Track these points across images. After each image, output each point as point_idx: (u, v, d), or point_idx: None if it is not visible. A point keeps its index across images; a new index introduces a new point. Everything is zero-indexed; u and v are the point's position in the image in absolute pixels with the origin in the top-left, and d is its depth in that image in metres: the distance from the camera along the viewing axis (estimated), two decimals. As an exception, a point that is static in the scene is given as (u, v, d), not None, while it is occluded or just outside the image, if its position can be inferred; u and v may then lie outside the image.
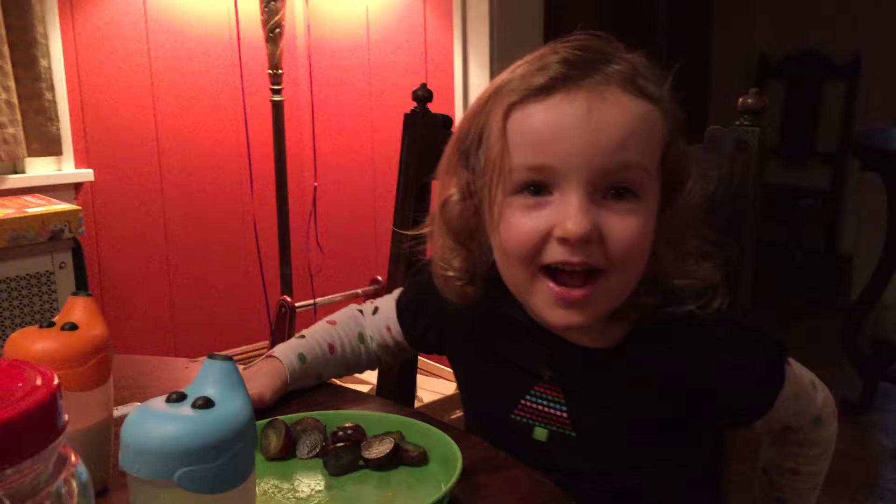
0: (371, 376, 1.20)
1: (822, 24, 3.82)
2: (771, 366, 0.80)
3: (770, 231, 3.29)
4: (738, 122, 0.90)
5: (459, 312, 0.85)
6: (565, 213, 0.69)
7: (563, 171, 0.70)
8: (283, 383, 0.89)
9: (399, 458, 0.74)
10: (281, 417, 0.78)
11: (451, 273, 0.81)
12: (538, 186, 0.72)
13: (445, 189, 0.81)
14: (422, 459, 0.74)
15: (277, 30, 2.26)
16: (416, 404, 1.08)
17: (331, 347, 0.96)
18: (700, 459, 0.85)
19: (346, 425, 0.77)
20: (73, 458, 0.40)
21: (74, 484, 0.40)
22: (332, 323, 0.99)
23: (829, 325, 3.25)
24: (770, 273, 3.07)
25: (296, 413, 0.81)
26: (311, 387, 0.94)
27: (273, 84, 2.32)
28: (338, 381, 1.00)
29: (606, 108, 0.69)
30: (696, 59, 4.11)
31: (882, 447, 2.51)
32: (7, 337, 0.67)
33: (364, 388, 1.03)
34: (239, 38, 2.50)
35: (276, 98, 2.33)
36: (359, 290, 2.57)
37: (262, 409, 0.84)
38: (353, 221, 2.74)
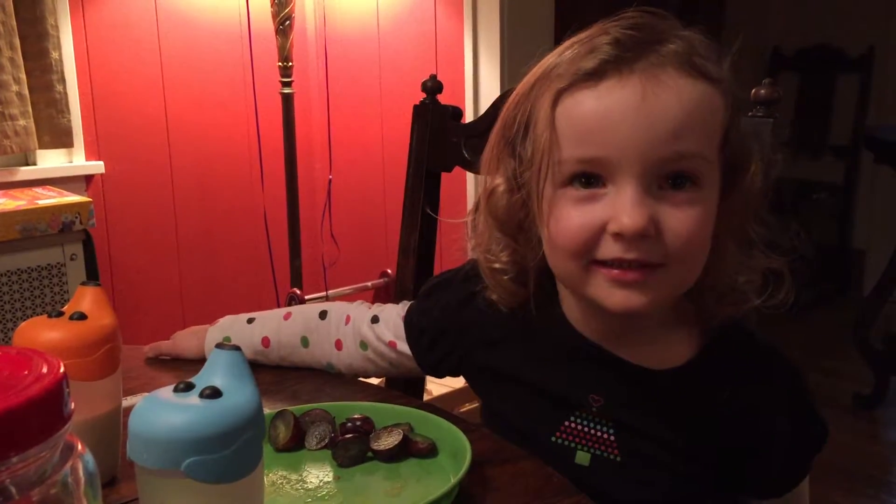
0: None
1: (835, 16, 3.79)
2: (811, 449, 0.77)
3: (782, 225, 3.27)
4: (750, 114, 0.90)
5: (487, 332, 0.81)
6: (620, 207, 0.65)
7: (617, 163, 0.65)
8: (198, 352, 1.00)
9: (408, 449, 0.74)
10: (290, 408, 0.78)
11: (497, 265, 0.76)
12: (590, 177, 0.67)
13: (491, 179, 0.75)
14: (431, 451, 0.74)
15: (287, 22, 2.26)
16: (426, 397, 1.08)
17: (265, 341, 0.95)
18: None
19: (355, 417, 0.77)
20: (79, 446, 0.40)
21: (81, 472, 0.39)
22: (287, 316, 0.97)
23: (841, 319, 3.23)
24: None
25: (305, 404, 0.81)
26: (320, 378, 0.94)
27: (283, 77, 2.32)
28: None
29: (662, 93, 0.64)
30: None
31: (894, 442, 2.50)
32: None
33: (374, 381, 1.02)
34: (250, 31, 2.50)
35: (286, 91, 2.33)
36: (368, 283, 2.58)
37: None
38: (363, 214, 2.73)
